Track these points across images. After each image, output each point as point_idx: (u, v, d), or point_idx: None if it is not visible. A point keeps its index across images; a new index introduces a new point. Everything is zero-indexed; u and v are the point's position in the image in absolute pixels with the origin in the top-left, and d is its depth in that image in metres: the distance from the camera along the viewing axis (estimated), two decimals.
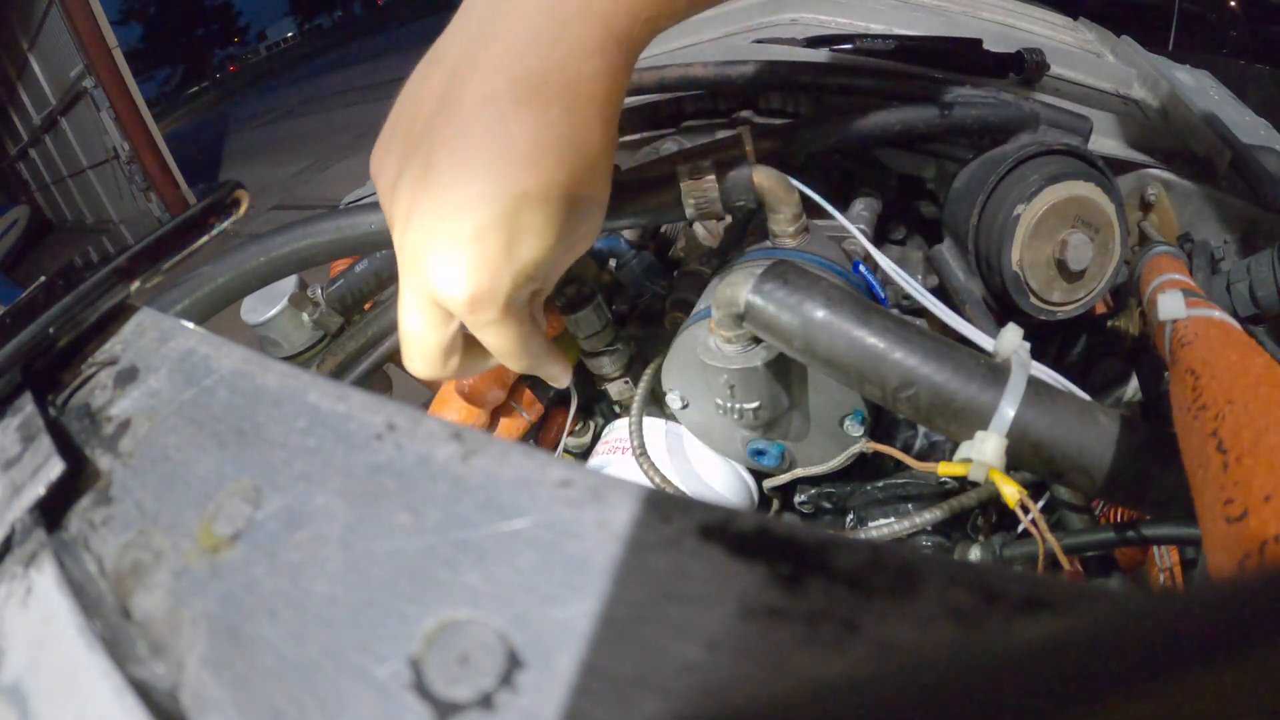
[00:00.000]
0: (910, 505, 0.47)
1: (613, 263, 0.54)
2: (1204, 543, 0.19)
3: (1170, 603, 0.08)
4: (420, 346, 0.29)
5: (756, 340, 0.36)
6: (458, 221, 0.25)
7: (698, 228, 0.57)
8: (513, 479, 0.15)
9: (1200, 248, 0.48)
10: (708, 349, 0.37)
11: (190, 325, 0.24)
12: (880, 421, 0.46)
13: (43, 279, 0.28)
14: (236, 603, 0.16)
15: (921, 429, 0.48)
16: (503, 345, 0.29)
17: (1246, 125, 0.58)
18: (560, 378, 0.34)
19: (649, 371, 0.46)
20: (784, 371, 0.38)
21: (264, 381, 0.20)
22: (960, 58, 0.55)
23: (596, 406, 0.60)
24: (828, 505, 0.49)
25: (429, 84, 0.27)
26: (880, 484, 0.48)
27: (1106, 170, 0.42)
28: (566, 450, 0.60)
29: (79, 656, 0.16)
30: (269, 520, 0.17)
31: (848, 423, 0.39)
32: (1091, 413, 0.28)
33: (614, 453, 0.49)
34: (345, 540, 0.16)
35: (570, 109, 0.25)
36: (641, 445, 0.43)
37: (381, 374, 0.58)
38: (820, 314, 0.31)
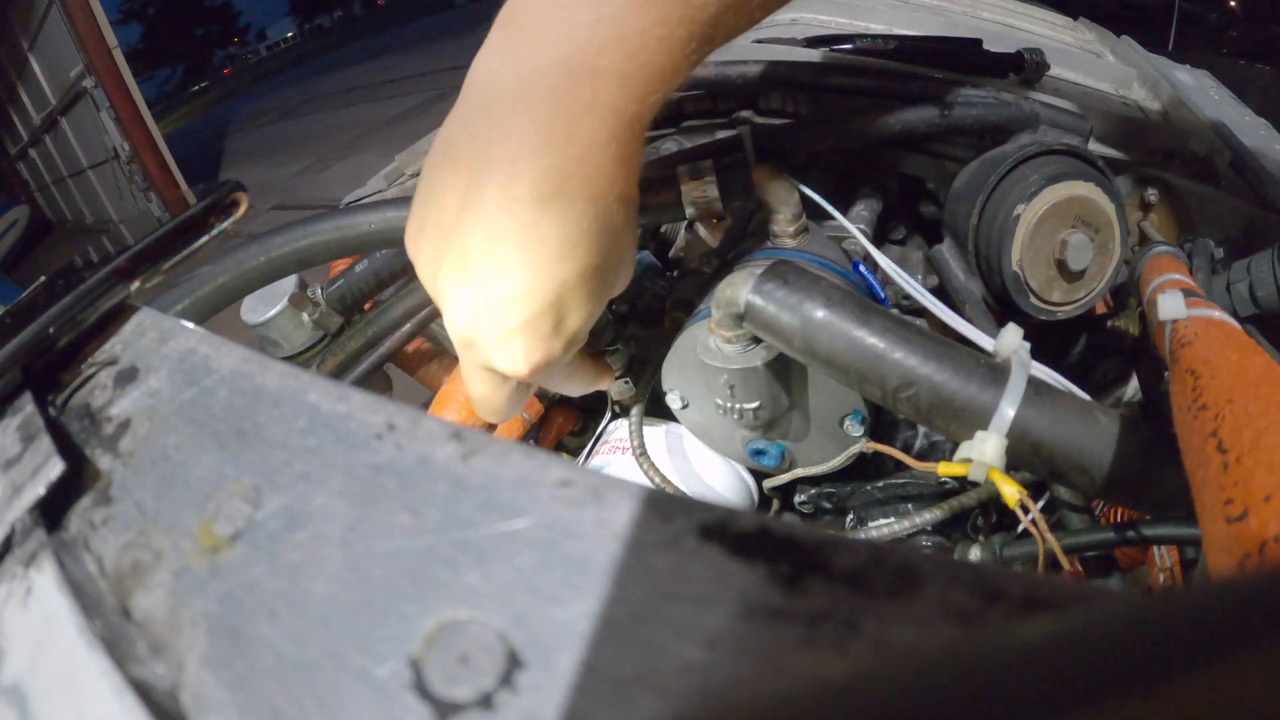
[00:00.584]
0: (910, 505, 0.47)
1: None
2: (1204, 543, 0.19)
3: (1170, 603, 0.08)
4: (490, 404, 0.32)
5: (756, 340, 0.36)
6: (506, 315, 0.27)
7: (698, 228, 0.57)
8: (513, 479, 0.15)
9: (1200, 248, 0.48)
10: (708, 349, 0.37)
11: (190, 325, 0.24)
12: (880, 421, 0.46)
13: (43, 279, 0.28)
14: (236, 603, 0.16)
15: (921, 429, 0.48)
16: (561, 386, 0.35)
17: (1246, 125, 0.58)
18: (608, 385, 0.39)
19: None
20: (784, 371, 0.38)
21: (264, 381, 0.20)
22: (960, 58, 0.55)
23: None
24: (828, 505, 0.49)
25: (447, 180, 0.27)
26: (880, 484, 0.48)
27: (1106, 170, 0.42)
28: (566, 451, 0.60)
29: (79, 656, 0.16)
30: (269, 520, 0.17)
31: (848, 423, 0.39)
32: (1091, 413, 0.28)
33: (614, 453, 0.49)
34: (345, 540, 0.16)
35: (592, 199, 0.26)
36: (641, 445, 0.43)
37: (381, 374, 0.58)
38: (820, 314, 0.31)
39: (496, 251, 0.26)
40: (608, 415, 0.55)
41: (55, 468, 0.20)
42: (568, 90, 0.25)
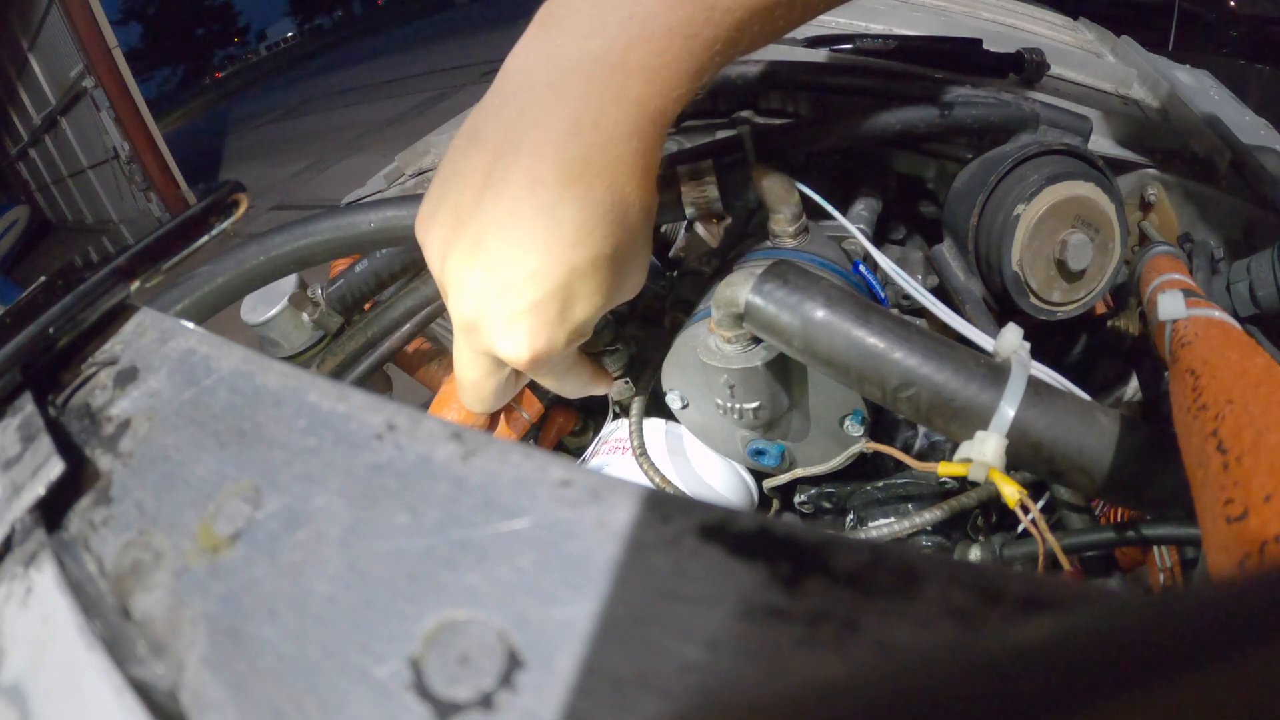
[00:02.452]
0: (910, 505, 0.47)
1: None
2: (1204, 543, 0.19)
3: (1170, 603, 0.08)
4: (478, 391, 0.33)
5: (756, 340, 0.36)
6: (515, 296, 0.27)
7: (698, 228, 0.57)
8: (513, 479, 0.15)
9: (1200, 248, 0.48)
10: (708, 349, 0.37)
11: (190, 325, 0.24)
12: (880, 421, 0.46)
13: (43, 279, 0.28)
14: (236, 603, 0.16)
15: (921, 429, 0.48)
16: (557, 385, 0.34)
17: (1246, 125, 0.58)
18: (604, 390, 0.38)
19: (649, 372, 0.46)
20: (784, 371, 0.38)
21: (264, 381, 0.20)
22: (960, 58, 0.55)
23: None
24: (828, 505, 0.49)
25: (472, 161, 0.28)
26: (880, 484, 0.48)
27: (1106, 170, 0.42)
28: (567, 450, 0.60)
29: (79, 656, 0.16)
30: (269, 520, 0.17)
31: (848, 423, 0.39)
32: (1091, 413, 0.28)
33: (614, 453, 0.49)
34: (345, 540, 0.16)
35: (612, 188, 0.27)
36: (641, 445, 0.43)
37: (381, 374, 0.58)
38: (820, 314, 0.31)
39: (513, 231, 0.26)
40: (610, 416, 0.55)
41: (55, 468, 0.20)
42: (597, 81, 0.26)
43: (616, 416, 0.55)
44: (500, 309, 0.28)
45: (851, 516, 0.48)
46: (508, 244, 0.26)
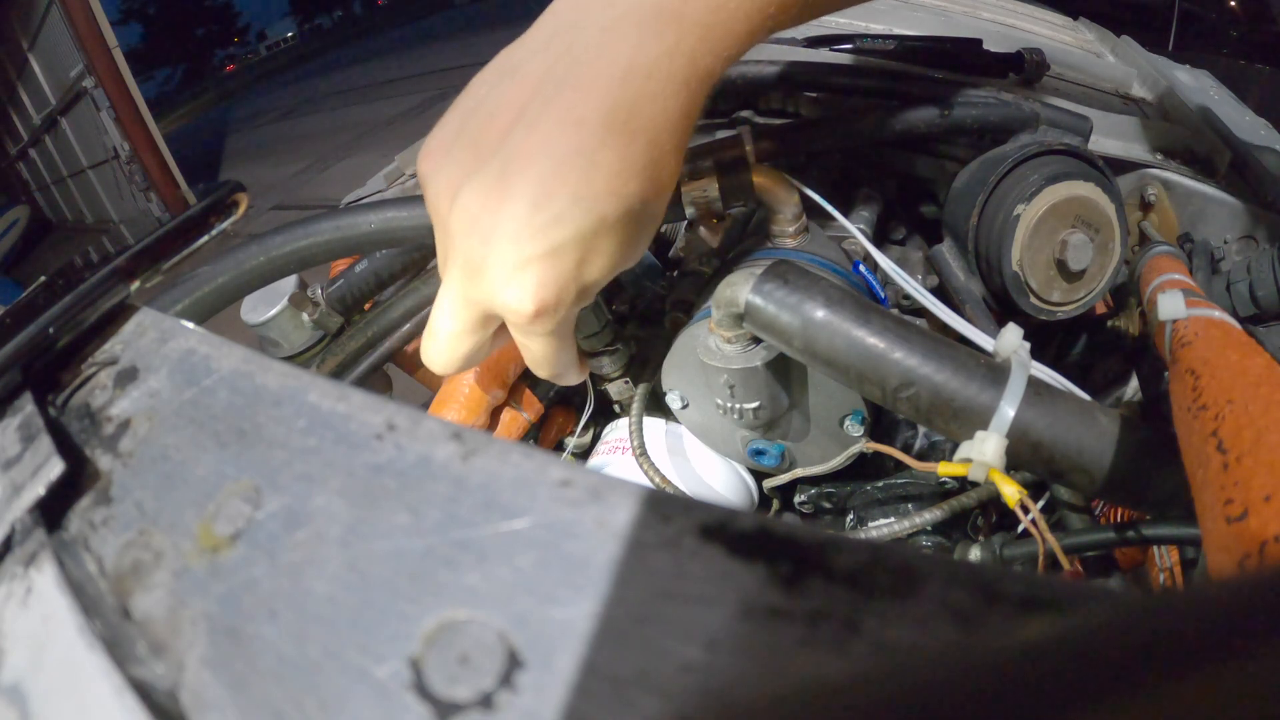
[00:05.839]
0: (910, 505, 0.47)
1: None
2: (1204, 543, 0.19)
3: (1170, 603, 0.08)
4: (449, 346, 0.29)
5: (756, 340, 0.36)
6: (535, 238, 0.25)
7: (698, 227, 0.57)
8: (513, 479, 0.15)
9: (1200, 248, 0.48)
10: (708, 349, 0.37)
11: (190, 325, 0.24)
12: (880, 421, 0.46)
13: (43, 279, 0.28)
14: (236, 603, 0.16)
15: (921, 429, 0.48)
16: (542, 354, 0.31)
17: (1246, 125, 0.58)
18: (576, 380, 0.35)
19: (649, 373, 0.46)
20: (784, 371, 0.38)
21: (264, 381, 0.20)
22: (960, 58, 0.55)
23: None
24: (828, 505, 0.49)
25: (505, 94, 0.26)
26: (880, 484, 0.48)
27: (1106, 170, 0.42)
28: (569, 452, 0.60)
29: (79, 656, 0.16)
30: (269, 520, 0.17)
31: (848, 423, 0.39)
32: (1091, 413, 0.28)
33: (614, 453, 0.49)
34: (345, 540, 0.16)
35: (652, 142, 0.26)
36: (641, 445, 0.43)
37: (381, 374, 0.58)
38: (820, 314, 0.31)
39: (543, 169, 0.25)
40: (586, 408, 0.55)
41: (55, 468, 0.20)
42: (654, 30, 0.26)
43: (616, 416, 0.55)
44: (513, 252, 0.25)
45: (851, 516, 0.48)
46: (535, 182, 0.25)
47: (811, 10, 0.29)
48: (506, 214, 0.25)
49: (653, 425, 0.48)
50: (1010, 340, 0.30)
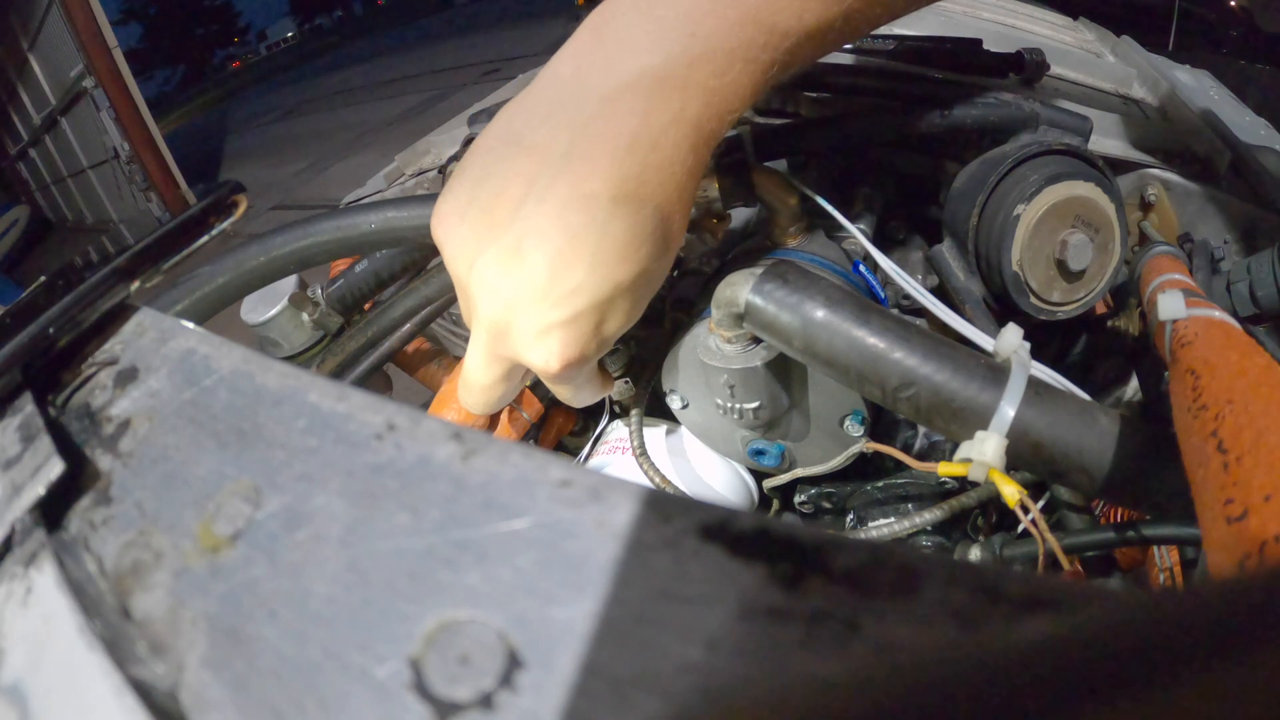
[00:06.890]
0: (910, 505, 0.47)
1: None
2: (1204, 543, 0.19)
3: (1170, 603, 0.08)
4: (487, 395, 0.32)
5: (756, 340, 0.36)
6: (554, 308, 0.27)
7: (698, 228, 0.57)
8: (513, 479, 0.15)
9: (1200, 248, 0.48)
10: (708, 349, 0.37)
11: (190, 325, 0.24)
12: (880, 421, 0.46)
13: (43, 279, 0.28)
14: (236, 603, 0.16)
15: (921, 429, 0.48)
16: (571, 394, 0.34)
17: (1246, 125, 0.58)
18: (600, 396, 0.37)
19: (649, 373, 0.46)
20: (784, 371, 0.38)
21: (264, 381, 0.20)
22: (960, 58, 0.55)
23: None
24: (828, 505, 0.49)
25: (513, 166, 0.27)
26: (880, 484, 0.48)
27: (1106, 170, 0.42)
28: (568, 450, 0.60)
29: (79, 656, 0.16)
30: (269, 520, 0.17)
31: (848, 423, 0.39)
32: (1091, 413, 0.28)
33: (614, 453, 0.49)
34: (345, 540, 0.16)
35: (660, 207, 0.27)
36: (641, 445, 0.43)
37: (381, 374, 0.58)
38: (820, 314, 0.31)
39: (558, 243, 0.26)
40: (605, 416, 0.55)
41: (55, 468, 0.20)
42: (659, 99, 0.26)
43: (616, 416, 0.55)
44: (536, 319, 0.27)
45: (851, 516, 0.48)
46: (552, 256, 0.26)
47: (806, 61, 0.29)
48: (526, 285, 0.26)
49: (653, 425, 0.48)
50: (1010, 340, 0.30)
